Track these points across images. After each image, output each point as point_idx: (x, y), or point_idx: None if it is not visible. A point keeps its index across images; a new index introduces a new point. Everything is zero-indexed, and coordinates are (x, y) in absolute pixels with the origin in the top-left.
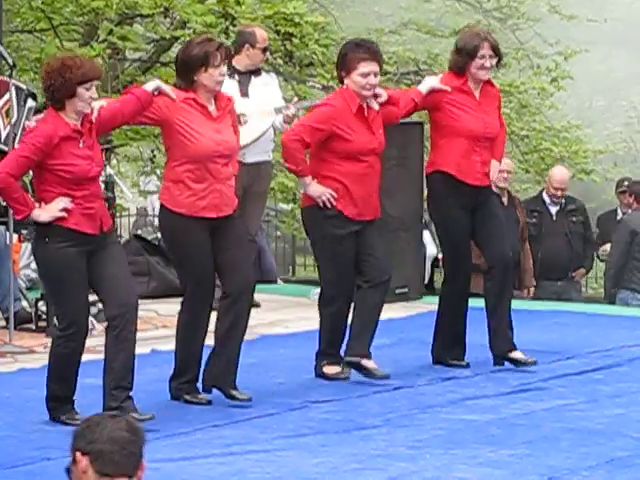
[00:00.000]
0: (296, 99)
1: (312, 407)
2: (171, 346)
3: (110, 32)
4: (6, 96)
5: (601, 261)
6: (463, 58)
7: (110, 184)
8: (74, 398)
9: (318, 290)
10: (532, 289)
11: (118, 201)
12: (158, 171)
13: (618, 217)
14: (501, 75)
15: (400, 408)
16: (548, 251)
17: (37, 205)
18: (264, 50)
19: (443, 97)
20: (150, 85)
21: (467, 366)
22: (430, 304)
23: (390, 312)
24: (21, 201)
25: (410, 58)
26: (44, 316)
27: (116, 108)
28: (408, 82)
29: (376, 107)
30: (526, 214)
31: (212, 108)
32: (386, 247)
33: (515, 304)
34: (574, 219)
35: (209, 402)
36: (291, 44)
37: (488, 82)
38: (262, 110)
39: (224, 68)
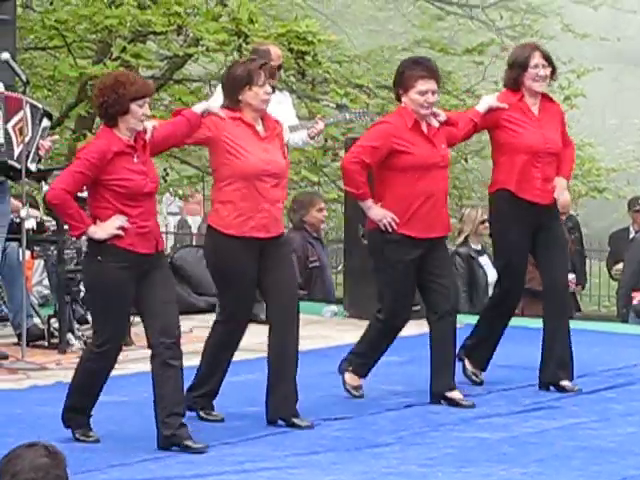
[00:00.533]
0: (319, 116)
1: (324, 425)
2: (184, 363)
3: (123, 49)
4: (20, 114)
5: (614, 280)
6: (516, 71)
7: None
8: (91, 413)
9: (330, 308)
10: None
11: None
12: (171, 189)
13: (630, 235)
14: None
15: (412, 426)
16: None
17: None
18: (278, 68)
19: (501, 115)
20: (199, 107)
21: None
22: None
23: (403, 330)
24: (77, 217)
25: None
26: (56, 333)
27: (169, 130)
28: None
29: (436, 124)
30: None
31: (260, 128)
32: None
33: (528, 322)
34: (572, 237)
35: (222, 419)
36: (304, 62)
37: (546, 98)
38: None
39: (269, 87)
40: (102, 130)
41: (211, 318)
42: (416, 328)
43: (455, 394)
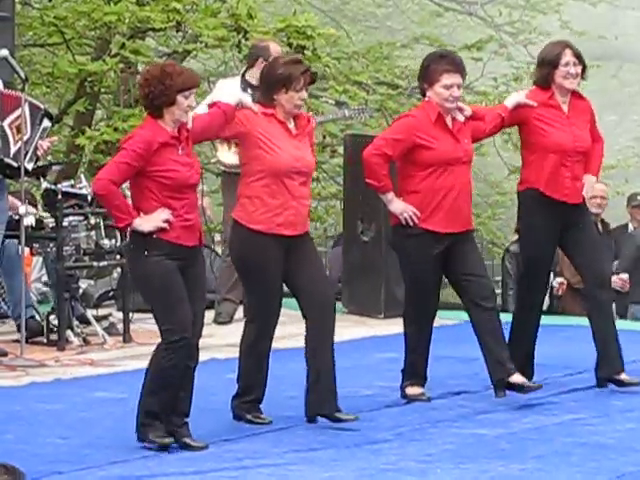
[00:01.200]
0: (313, 112)
1: (323, 421)
2: None
3: (122, 46)
4: (17, 111)
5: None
6: (546, 69)
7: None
8: (186, 420)
9: None
10: None
11: None
12: None
13: (629, 232)
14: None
15: (411, 422)
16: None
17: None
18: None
19: (530, 113)
20: (233, 99)
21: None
22: (441, 319)
23: (400, 326)
24: (123, 209)
25: None
26: (55, 330)
27: (207, 121)
28: (419, 96)
29: (461, 119)
30: None
31: (291, 126)
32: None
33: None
34: None
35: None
36: (304, 56)
37: (576, 95)
38: None
39: (305, 93)
40: (146, 121)
41: (209, 315)
42: None
43: (517, 377)
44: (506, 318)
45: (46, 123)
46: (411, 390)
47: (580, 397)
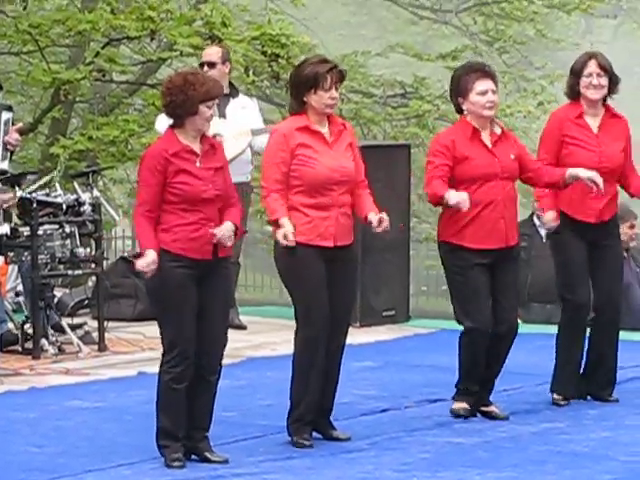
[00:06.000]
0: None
1: None
2: (158, 368)
3: (97, 54)
4: None
5: None
6: (572, 79)
7: (97, 206)
8: (206, 434)
9: None
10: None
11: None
12: None
13: None
14: None
15: (387, 431)
16: (538, 274)
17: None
18: (203, 64)
19: (561, 134)
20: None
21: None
22: (416, 327)
23: (376, 335)
24: (142, 237)
25: (396, 81)
26: (30, 338)
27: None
28: (394, 105)
29: (498, 131)
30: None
31: (325, 131)
32: (374, 270)
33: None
34: None
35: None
36: (278, 65)
37: (611, 112)
38: (238, 131)
39: (335, 92)
40: (166, 133)
41: None
42: (390, 333)
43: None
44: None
45: (6, 115)
46: (456, 404)
47: (555, 406)
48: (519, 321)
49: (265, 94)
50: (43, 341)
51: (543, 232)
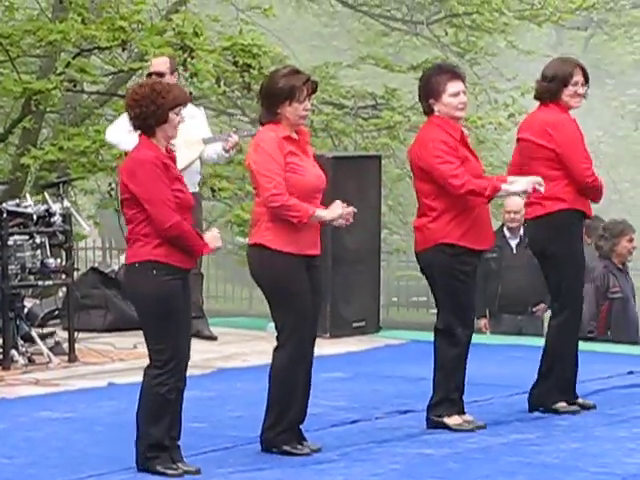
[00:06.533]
0: (234, 129)
1: None
2: (128, 379)
3: (68, 64)
4: None
5: None
6: (556, 85)
7: (67, 217)
8: (178, 443)
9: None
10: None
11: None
12: (116, 203)
13: None
14: None
15: (357, 442)
16: (508, 285)
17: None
18: (152, 75)
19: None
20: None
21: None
22: (387, 338)
23: (347, 345)
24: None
25: (368, 92)
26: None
27: None
28: (365, 116)
29: (467, 133)
30: None
31: (300, 140)
32: (345, 281)
33: (473, 338)
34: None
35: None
36: (249, 76)
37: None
38: (189, 140)
39: (308, 104)
40: (142, 141)
41: None
42: (361, 344)
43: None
44: None
45: None
46: (452, 420)
47: (525, 417)
48: (487, 332)
49: (236, 104)
50: (13, 352)
51: (514, 243)
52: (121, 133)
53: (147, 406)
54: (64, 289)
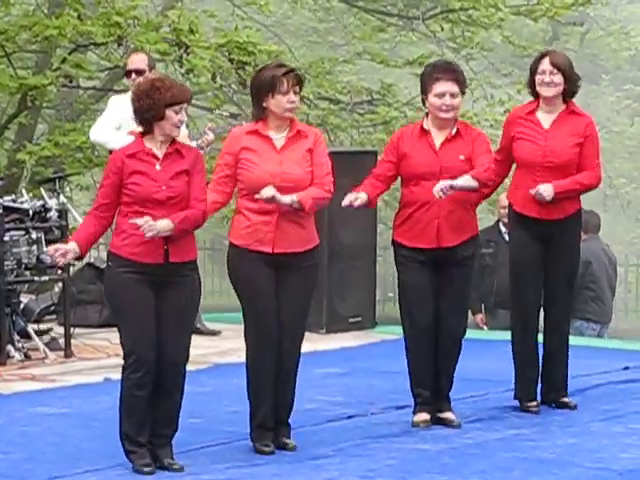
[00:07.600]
0: (210, 125)
1: None
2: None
3: (63, 60)
4: None
5: None
6: (530, 77)
7: (63, 212)
8: (143, 440)
9: None
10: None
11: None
12: None
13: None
14: None
15: (353, 437)
16: (504, 280)
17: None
18: (131, 72)
19: (513, 130)
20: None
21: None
22: (383, 333)
23: (343, 341)
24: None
25: (363, 88)
26: None
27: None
28: (361, 111)
29: (453, 131)
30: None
31: (279, 137)
32: (340, 276)
33: (468, 334)
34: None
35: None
36: (245, 72)
37: (570, 110)
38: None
39: (293, 96)
40: (135, 137)
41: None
42: (356, 339)
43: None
44: None
45: None
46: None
47: (521, 412)
48: (485, 328)
49: (232, 100)
50: (9, 347)
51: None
52: (107, 132)
53: (120, 400)
54: (60, 284)
